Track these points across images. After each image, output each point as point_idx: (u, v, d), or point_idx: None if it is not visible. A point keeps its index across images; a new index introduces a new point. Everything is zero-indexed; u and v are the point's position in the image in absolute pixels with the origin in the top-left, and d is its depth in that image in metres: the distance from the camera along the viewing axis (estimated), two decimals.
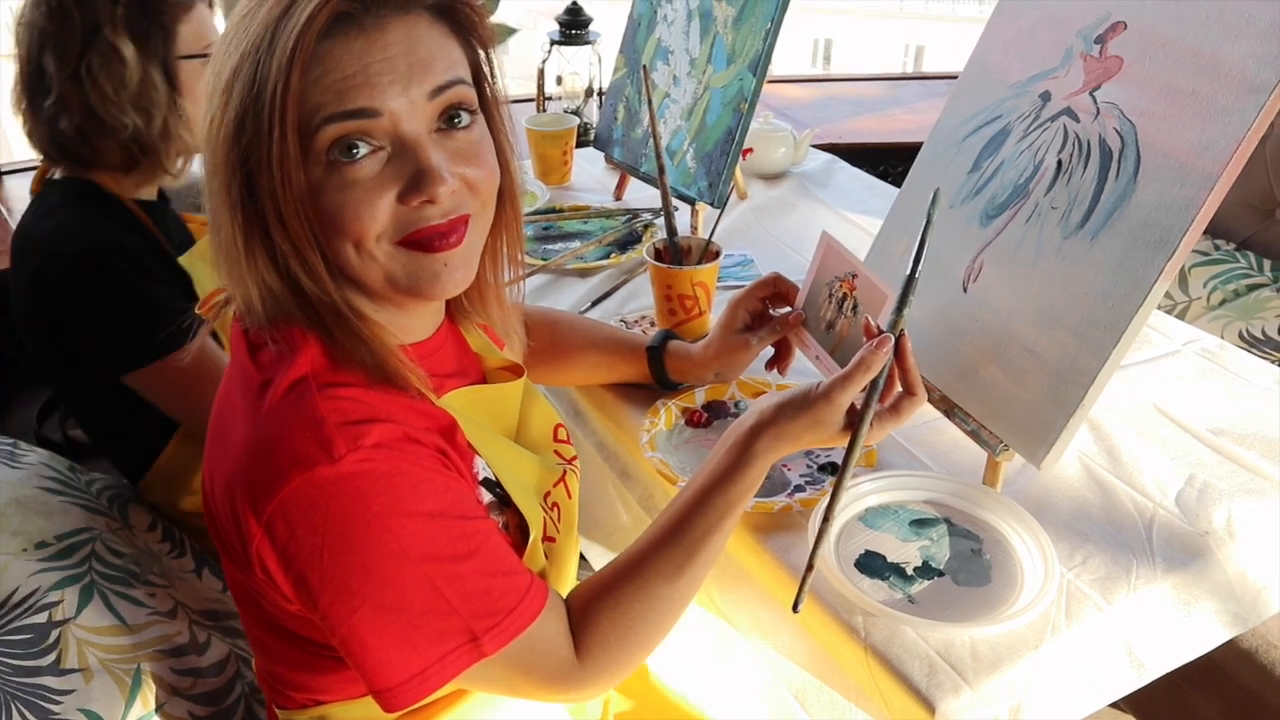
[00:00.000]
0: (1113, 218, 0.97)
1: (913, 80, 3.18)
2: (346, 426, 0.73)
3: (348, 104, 0.72)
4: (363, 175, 0.74)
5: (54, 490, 1.23)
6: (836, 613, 0.93)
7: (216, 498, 0.78)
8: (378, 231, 0.75)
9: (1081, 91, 1.04)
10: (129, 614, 1.11)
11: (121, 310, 1.24)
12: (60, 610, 1.06)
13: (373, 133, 0.73)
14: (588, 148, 2.01)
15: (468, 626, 0.75)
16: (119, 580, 1.14)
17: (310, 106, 0.72)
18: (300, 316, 0.78)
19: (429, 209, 0.76)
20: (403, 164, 0.75)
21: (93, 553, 1.16)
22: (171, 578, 1.21)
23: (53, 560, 1.11)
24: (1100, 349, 0.95)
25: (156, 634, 1.11)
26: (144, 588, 1.16)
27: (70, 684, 1.01)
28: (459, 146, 0.77)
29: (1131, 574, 0.98)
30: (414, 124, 0.75)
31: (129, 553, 1.20)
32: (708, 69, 1.59)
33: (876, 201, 1.87)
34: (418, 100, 0.74)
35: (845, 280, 1.04)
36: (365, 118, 0.72)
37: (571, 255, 1.61)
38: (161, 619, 1.14)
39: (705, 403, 1.21)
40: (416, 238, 0.76)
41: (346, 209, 0.74)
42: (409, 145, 0.74)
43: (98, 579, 1.13)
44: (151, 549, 1.25)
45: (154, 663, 1.09)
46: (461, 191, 0.78)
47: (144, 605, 1.13)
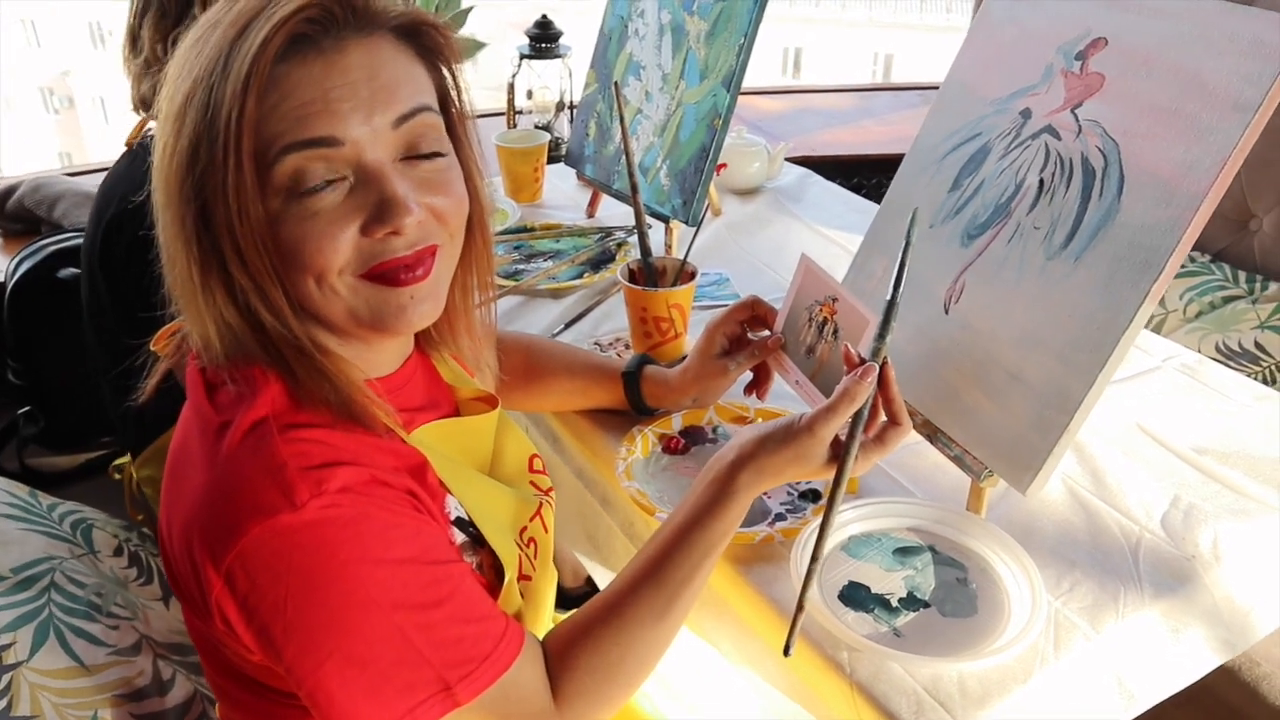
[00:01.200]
0: (1097, 238, 0.96)
1: (884, 91, 3.17)
2: (309, 471, 0.70)
3: (307, 132, 0.69)
4: (324, 207, 0.71)
5: (13, 517, 1.18)
6: (821, 648, 0.90)
7: (174, 544, 0.74)
8: (340, 265, 0.72)
9: (1063, 109, 1.02)
10: (87, 654, 1.07)
11: None
12: (12, 653, 1.01)
13: (334, 162, 0.70)
14: (559, 164, 1.98)
15: (440, 676, 0.72)
16: (79, 614, 1.10)
17: (268, 135, 0.69)
18: (260, 354, 0.75)
19: (394, 241, 0.73)
20: (366, 194, 0.72)
21: (52, 583, 1.11)
22: (136, 608, 1.17)
23: (8, 595, 1.06)
24: (1086, 373, 0.93)
25: (115, 676, 1.07)
26: (105, 620, 1.11)
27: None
28: (425, 175, 0.74)
29: (1120, 601, 0.96)
30: (377, 153, 0.72)
31: (91, 582, 1.16)
32: (680, 84, 1.57)
33: (852, 216, 1.85)
34: (381, 128, 0.71)
35: (825, 304, 1.02)
36: (325, 146, 0.69)
37: (544, 275, 1.58)
38: (122, 659, 1.09)
39: (683, 429, 1.18)
40: (381, 270, 0.73)
41: (307, 242, 0.71)
42: (372, 175, 0.71)
43: (56, 613, 1.08)
44: (117, 575, 1.21)
45: (113, 708, 1.04)
46: (428, 222, 0.75)
47: (103, 644, 1.09)
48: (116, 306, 1.35)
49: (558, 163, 2.01)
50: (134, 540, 1.33)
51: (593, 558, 1.32)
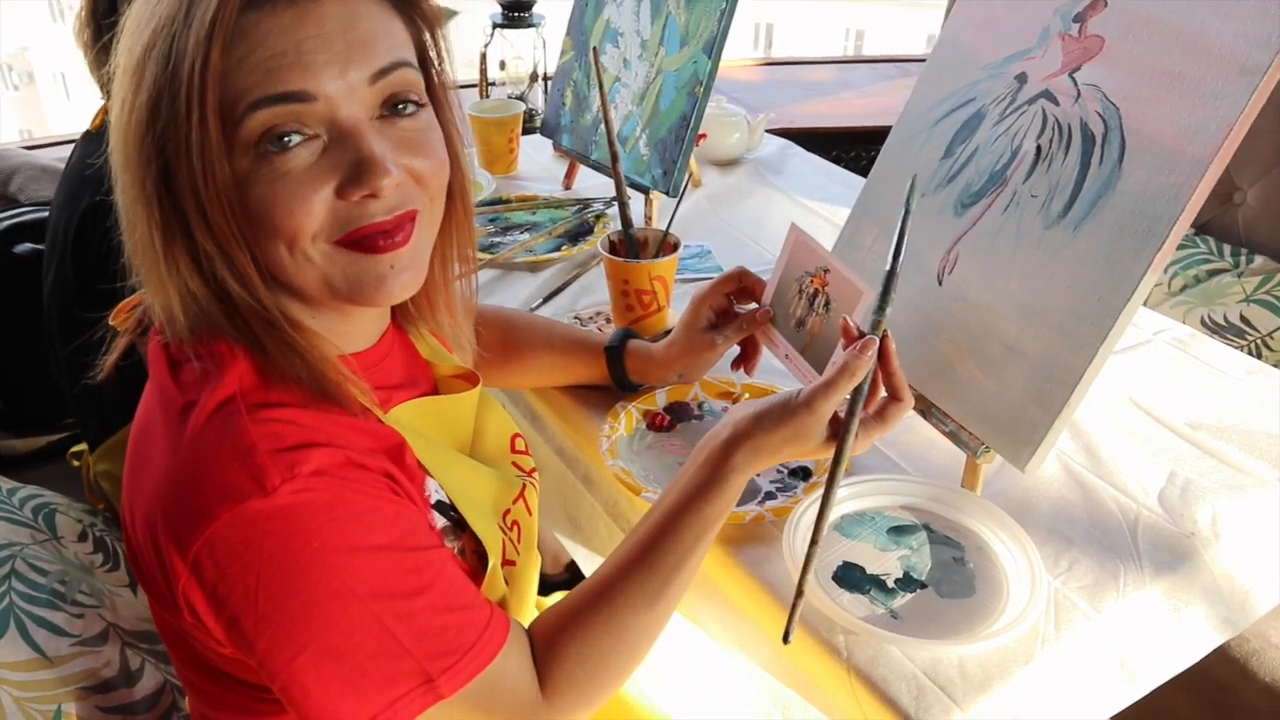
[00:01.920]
0: (1097, 207, 0.92)
1: (862, 64, 3.13)
2: (281, 453, 0.65)
3: (277, 86, 0.64)
4: (295, 166, 0.66)
5: None
6: (816, 631, 0.87)
7: (137, 532, 0.70)
8: (313, 230, 0.67)
9: (1060, 73, 0.99)
10: (49, 645, 1.02)
11: None
12: None
13: (306, 119, 0.65)
14: (534, 135, 1.93)
15: (421, 668, 0.68)
16: (41, 602, 1.05)
17: (235, 90, 0.64)
18: (227, 327, 0.70)
19: (371, 204, 0.68)
20: (341, 153, 0.67)
21: (13, 571, 1.06)
22: (102, 595, 1.12)
23: None
24: (1086, 345, 0.90)
25: (80, 668, 1.02)
26: (70, 609, 1.06)
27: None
28: (404, 135, 0.70)
29: (1120, 580, 0.93)
30: (353, 109, 0.67)
31: (54, 569, 1.10)
32: (660, 51, 1.52)
33: (834, 187, 1.82)
34: (357, 84, 0.66)
35: (816, 275, 0.98)
36: (297, 101, 0.64)
37: (520, 248, 1.53)
38: (87, 650, 1.04)
39: (667, 404, 1.15)
40: (358, 236, 0.69)
41: (278, 204, 0.66)
42: (347, 133, 0.67)
43: (17, 602, 1.03)
44: (82, 561, 1.16)
45: (77, 701, 1.00)
46: (407, 184, 0.70)
47: (67, 634, 1.04)
48: (88, 298, 1.28)
49: (533, 134, 1.96)
50: (99, 525, 1.27)
51: (574, 539, 1.29)
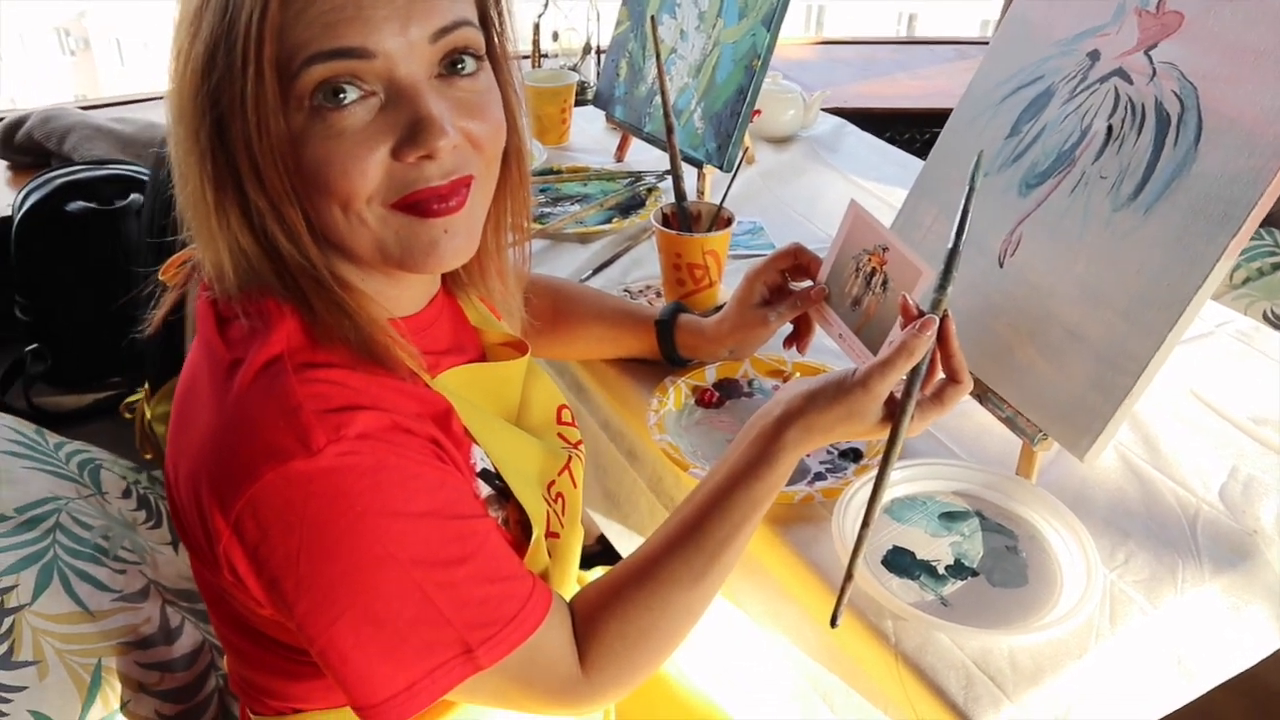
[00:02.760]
0: (1170, 189, 0.89)
1: (918, 45, 3.08)
2: (327, 414, 0.64)
3: (336, 41, 0.62)
4: (351, 125, 0.64)
5: (18, 455, 1.14)
6: (864, 616, 0.85)
7: (180, 489, 0.69)
8: (368, 192, 0.66)
9: (1135, 50, 0.95)
10: (92, 600, 1.02)
11: None
12: (14, 596, 0.97)
13: (363, 76, 0.64)
14: (587, 106, 1.91)
15: (461, 637, 0.67)
16: (85, 556, 1.05)
17: (292, 43, 0.62)
18: (276, 285, 0.69)
19: (428, 166, 0.66)
20: (397, 113, 0.65)
21: (58, 524, 1.07)
22: (144, 552, 1.13)
23: (11, 536, 1.02)
24: (1154, 332, 0.87)
25: (121, 623, 1.03)
26: (112, 564, 1.07)
27: (23, 679, 0.92)
28: (462, 96, 0.68)
29: (1178, 575, 0.90)
30: (412, 67, 0.65)
31: (99, 524, 1.11)
32: (718, 23, 1.49)
33: (889, 168, 1.79)
34: (417, 41, 0.65)
35: (875, 254, 0.96)
36: (355, 58, 0.63)
37: (570, 219, 1.52)
38: (128, 605, 1.05)
39: (717, 381, 1.13)
40: (413, 200, 0.67)
41: (333, 164, 0.64)
42: (405, 92, 0.65)
43: (61, 555, 1.04)
44: (125, 518, 1.17)
45: (118, 656, 1.00)
46: (464, 148, 0.68)
47: (109, 589, 1.04)
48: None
49: (585, 105, 1.94)
50: (143, 482, 1.28)
51: (610, 515, 1.28)
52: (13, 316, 1.78)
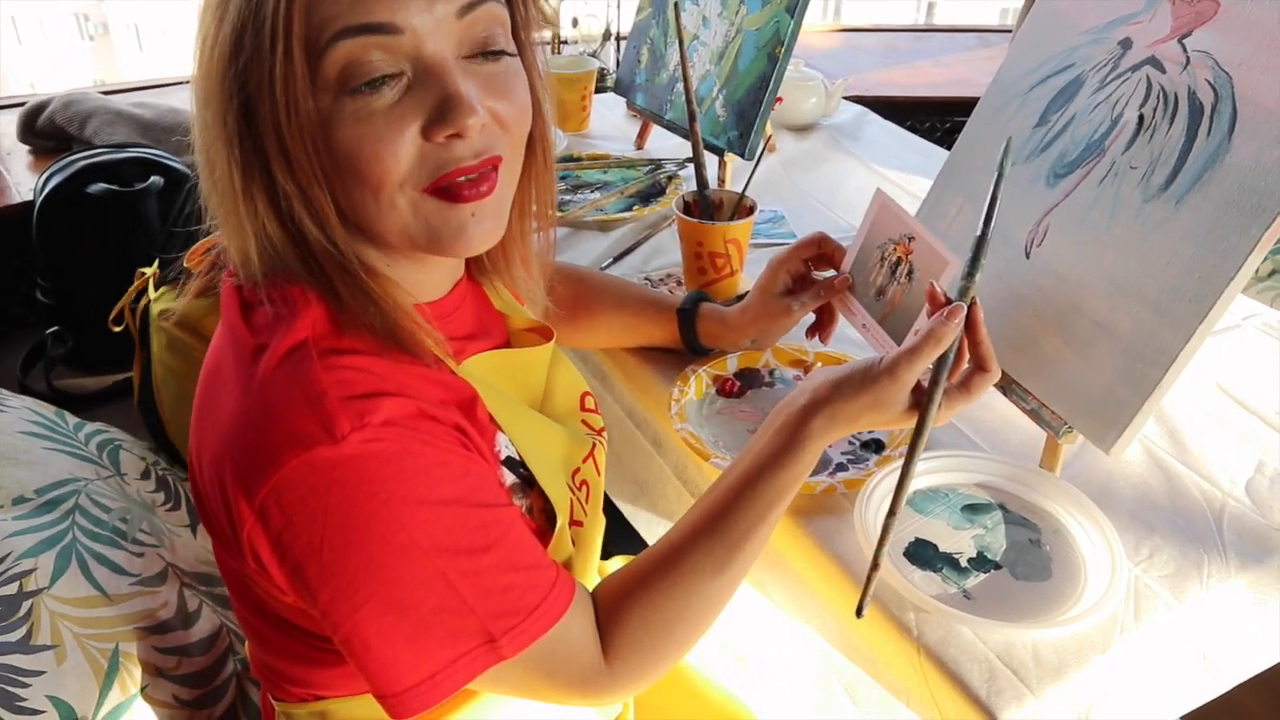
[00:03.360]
0: (1202, 180, 0.88)
1: (940, 33, 3.05)
2: (351, 401, 0.64)
3: (363, 16, 0.62)
4: (380, 106, 0.64)
5: (38, 436, 1.14)
6: (887, 608, 0.85)
7: (204, 474, 0.69)
8: (401, 175, 0.66)
9: (1169, 39, 0.94)
10: (109, 583, 1.02)
11: None
12: (33, 579, 0.97)
13: (391, 52, 0.63)
14: (607, 93, 1.91)
15: (484, 627, 0.67)
16: (103, 539, 1.05)
17: (319, 19, 0.62)
18: (301, 271, 0.69)
19: (458, 146, 0.66)
20: (425, 91, 0.65)
21: (76, 506, 1.07)
22: (162, 535, 1.13)
23: (31, 518, 1.02)
24: (1184, 325, 0.86)
25: (139, 608, 1.03)
26: (131, 547, 1.07)
27: (40, 664, 0.92)
28: (489, 78, 0.67)
29: (1203, 570, 0.90)
30: (439, 44, 0.65)
31: (117, 506, 1.12)
32: (741, 10, 1.48)
33: (911, 156, 1.77)
34: (444, 18, 0.64)
35: (900, 243, 0.95)
36: (383, 33, 0.62)
37: (591, 207, 1.51)
38: (146, 589, 1.05)
39: (738, 370, 1.12)
40: (444, 183, 0.67)
41: (364, 147, 0.64)
42: (433, 70, 0.65)
43: (80, 537, 1.04)
44: (144, 499, 1.17)
45: (136, 641, 1.00)
46: (491, 128, 0.68)
47: (127, 573, 1.04)
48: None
49: (605, 92, 1.93)
50: (162, 464, 1.28)
51: (637, 503, 1.27)
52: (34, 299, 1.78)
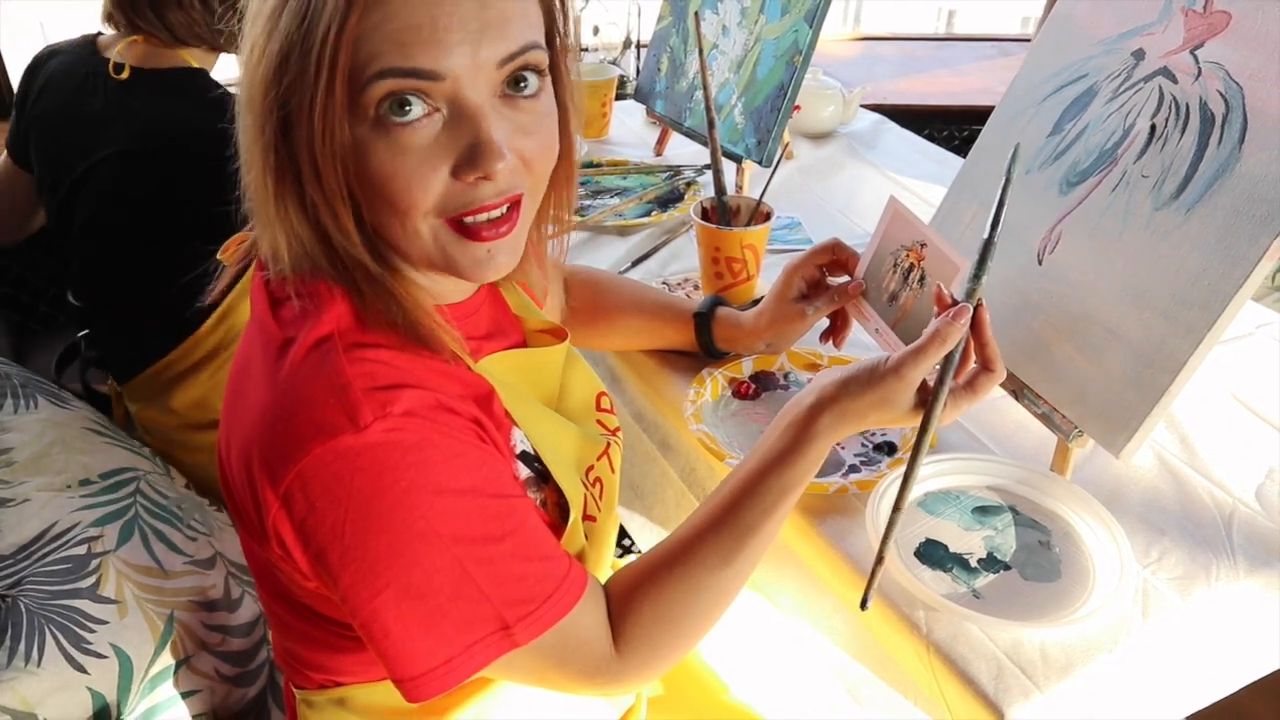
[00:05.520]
0: (1212, 189, 0.89)
1: (959, 41, 3.06)
2: (374, 392, 0.66)
3: (409, 60, 0.64)
4: (416, 142, 0.66)
5: (98, 433, 1.21)
6: (896, 605, 0.86)
7: (232, 463, 0.71)
8: (428, 207, 0.68)
9: (1181, 50, 0.96)
10: (166, 559, 1.08)
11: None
12: (100, 543, 1.04)
13: (430, 94, 0.65)
14: (627, 100, 1.93)
15: (499, 614, 0.69)
16: (162, 518, 1.12)
17: (365, 55, 0.63)
18: (328, 269, 0.71)
19: (484, 186, 0.68)
20: (459, 132, 0.67)
21: (138, 490, 1.14)
22: (212, 526, 1.19)
23: (96, 496, 1.09)
24: (1193, 331, 0.87)
25: (191, 584, 1.08)
26: (186, 531, 1.14)
27: (106, 614, 0.99)
28: (522, 118, 0.69)
29: (1211, 573, 0.91)
30: (478, 90, 0.66)
31: (172, 495, 1.18)
32: (760, 19, 1.50)
33: (928, 165, 1.79)
34: (485, 65, 0.66)
35: (912, 249, 0.96)
36: (424, 79, 0.64)
37: (610, 212, 1.53)
38: (197, 570, 1.11)
39: (753, 373, 1.14)
40: (466, 219, 0.69)
41: (397, 179, 0.66)
42: (469, 113, 0.66)
43: (141, 514, 1.10)
44: (194, 499, 1.23)
45: (187, 613, 1.06)
46: (517, 168, 0.70)
47: (182, 553, 1.10)
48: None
49: (625, 99, 1.96)
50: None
51: (632, 507, 1.29)
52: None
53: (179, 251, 1.37)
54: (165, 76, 1.37)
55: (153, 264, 1.39)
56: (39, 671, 0.92)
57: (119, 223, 1.40)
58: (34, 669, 0.92)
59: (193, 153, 1.33)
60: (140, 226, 1.38)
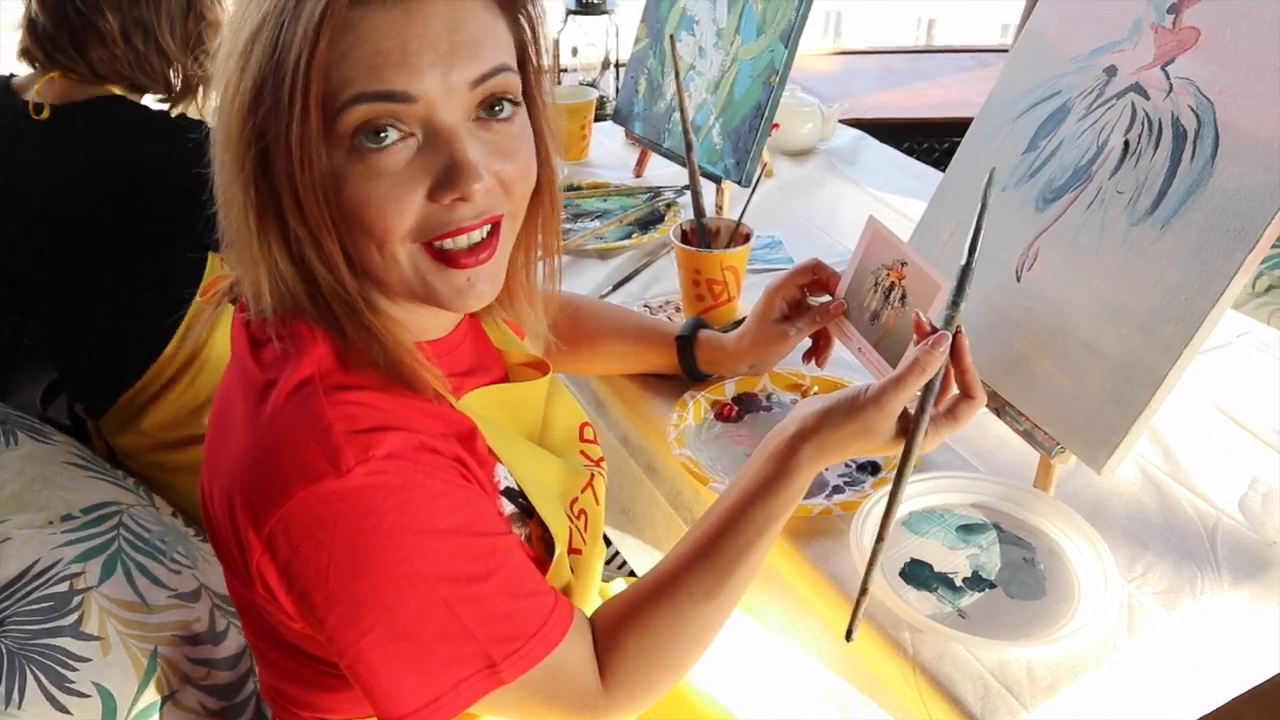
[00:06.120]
0: (1186, 204, 0.90)
1: (938, 54, 3.08)
2: (356, 435, 0.66)
3: (380, 84, 0.64)
4: (390, 166, 0.66)
5: (80, 467, 1.21)
6: (882, 627, 0.86)
7: (215, 506, 0.71)
8: (404, 231, 0.68)
9: (1152, 66, 0.96)
10: (149, 594, 1.08)
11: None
12: (82, 580, 1.03)
13: (404, 118, 0.66)
14: (606, 122, 1.93)
15: (485, 652, 0.69)
16: (145, 552, 1.11)
17: (337, 82, 0.64)
18: (310, 309, 0.71)
19: (461, 208, 0.68)
20: (434, 155, 0.67)
21: (120, 523, 1.14)
22: (196, 559, 1.19)
23: (78, 531, 1.09)
24: (1171, 346, 0.88)
25: (175, 618, 1.08)
26: (169, 564, 1.13)
27: (89, 651, 0.98)
28: (497, 140, 0.70)
29: (1196, 587, 0.91)
30: (451, 113, 0.67)
31: (156, 529, 1.18)
32: (736, 40, 1.51)
33: (907, 180, 1.79)
34: (457, 87, 0.66)
35: (893, 268, 0.97)
36: (397, 101, 0.65)
37: (591, 235, 1.54)
38: (181, 603, 1.10)
39: (736, 395, 1.14)
40: (445, 244, 0.69)
41: (371, 204, 0.66)
42: (443, 135, 0.67)
43: (124, 548, 1.10)
44: (178, 529, 1.22)
45: (170, 647, 1.05)
46: (495, 190, 0.70)
47: (165, 586, 1.10)
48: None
49: (604, 121, 1.96)
50: None
51: (625, 529, 1.29)
52: None
53: (135, 275, 1.38)
54: (87, 109, 1.36)
55: (110, 293, 1.40)
56: (19, 714, 0.91)
57: (71, 259, 1.40)
58: (14, 711, 0.91)
59: (133, 175, 1.34)
60: (91, 257, 1.39)
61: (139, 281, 1.38)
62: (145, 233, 1.36)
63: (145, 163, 1.34)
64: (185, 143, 1.33)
